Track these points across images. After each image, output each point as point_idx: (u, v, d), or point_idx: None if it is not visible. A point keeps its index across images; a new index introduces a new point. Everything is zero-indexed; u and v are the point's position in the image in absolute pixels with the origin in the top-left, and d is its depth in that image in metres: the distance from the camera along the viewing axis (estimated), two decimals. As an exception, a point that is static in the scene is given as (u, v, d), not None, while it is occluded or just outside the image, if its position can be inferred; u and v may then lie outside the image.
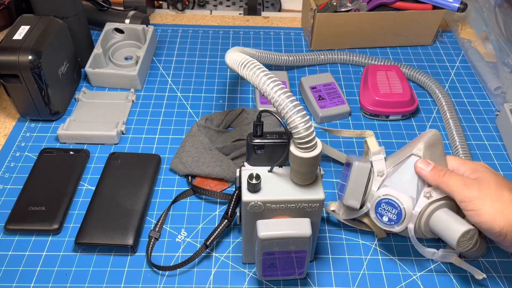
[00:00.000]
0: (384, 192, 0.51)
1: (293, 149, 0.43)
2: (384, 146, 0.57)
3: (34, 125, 0.72)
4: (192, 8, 1.01)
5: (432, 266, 0.57)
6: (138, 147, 0.69)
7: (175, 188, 0.64)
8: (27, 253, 0.56)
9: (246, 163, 0.49)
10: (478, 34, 0.89)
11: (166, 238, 0.58)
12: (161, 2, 1.02)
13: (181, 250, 0.57)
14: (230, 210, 0.54)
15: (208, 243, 0.54)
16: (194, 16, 0.98)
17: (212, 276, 0.55)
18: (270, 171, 0.48)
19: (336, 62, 0.86)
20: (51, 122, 0.73)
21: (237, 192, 0.53)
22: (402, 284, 0.55)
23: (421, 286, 0.55)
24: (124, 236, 0.56)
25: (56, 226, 0.57)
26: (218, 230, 0.55)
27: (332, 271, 0.56)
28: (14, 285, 0.53)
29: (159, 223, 0.59)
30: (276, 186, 0.47)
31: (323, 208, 0.49)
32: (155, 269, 0.55)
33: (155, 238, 0.57)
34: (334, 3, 0.84)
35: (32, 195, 0.60)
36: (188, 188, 0.64)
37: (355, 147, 0.71)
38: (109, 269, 0.55)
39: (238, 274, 0.55)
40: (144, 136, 0.71)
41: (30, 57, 0.63)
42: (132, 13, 0.87)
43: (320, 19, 0.84)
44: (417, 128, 0.74)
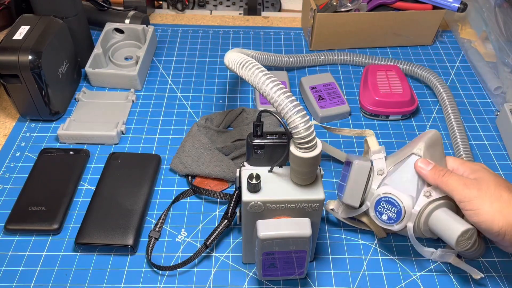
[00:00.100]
0: (384, 190, 0.51)
1: (293, 149, 0.43)
2: (384, 146, 0.57)
3: (34, 125, 0.72)
4: (192, 8, 1.01)
5: (432, 266, 0.57)
6: (138, 147, 0.69)
7: (175, 188, 0.64)
8: (27, 253, 0.56)
9: (246, 163, 0.49)
10: (478, 34, 0.89)
11: (166, 238, 0.58)
12: (161, 2, 1.02)
13: (181, 250, 0.57)
14: (230, 210, 0.54)
15: (208, 243, 0.54)
16: (194, 16, 0.98)
17: (212, 276, 0.55)
18: (270, 171, 0.48)
19: (336, 63, 0.86)
20: (51, 122, 0.73)
21: (237, 192, 0.53)
22: (402, 284, 0.55)
23: (421, 286, 0.55)
24: (124, 236, 0.56)
25: (56, 226, 0.57)
26: (218, 230, 0.55)
27: (332, 271, 0.56)
28: (14, 285, 0.53)
29: (159, 223, 0.59)
30: (276, 186, 0.47)
31: (323, 207, 0.49)
32: (155, 269, 0.55)
33: (155, 238, 0.57)
34: (334, 3, 0.84)
35: (32, 195, 0.60)
36: (188, 188, 0.64)
37: (355, 147, 0.71)
38: (109, 269, 0.55)
39: (238, 274, 0.55)
40: (144, 136, 0.71)
41: (30, 57, 0.63)
42: (132, 13, 0.87)
43: (320, 19, 0.84)
44: (417, 128, 0.74)
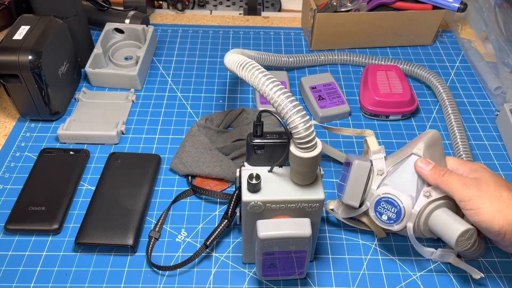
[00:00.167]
0: (384, 190, 0.51)
1: (293, 149, 0.43)
2: (384, 146, 0.57)
3: (34, 125, 0.72)
4: (192, 8, 1.01)
5: (432, 266, 0.57)
6: (138, 147, 0.69)
7: (175, 188, 0.64)
8: (27, 253, 0.56)
9: (246, 163, 0.49)
10: (478, 34, 0.89)
11: (166, 238, 0.58)
12: (161, 2, 1.02)
13: (181, 250, 0.57)
14: (230, 210, 0.54)
15: (208, 243, 0.54)
16: (194, 16, 0.98)
17: (212, 276, 0.55)
18: (270, 171, 0.48)
19: (336, 63, 0.86)
20: (51, 122, 0.73)
21: (237, 192, 0.53)
22: (402, 284, 0.55)
23: (421, 286, 0.55)
24: (124, 236, 0.56)
25: (56, 226, 0.57)
26: (218, 230, 0.55)
27: (332, 271, 0.56)
28: (14, 285, 0.53)
29: (159, 223, 0.59)
30: (276, 186, 0.47)
31: (323, 207, 0.49)
32: (155, 269, 0.55)
33: (155, 238, 0.57)
34: (334, 3, 0.84)
35: (32, 195, 0.60)
36: (188, 188, 0.64)
37: (355, 147, 0.71)
38: (109, 269, 0.55)
39: (238, 274, 0.55)
40: (144, 136, 0.71)
41: (30, 57, 0.63)
42: (132, 13, 0.87)
43: (320, 19, 0.84)
44: (417, 128, 0.74)
